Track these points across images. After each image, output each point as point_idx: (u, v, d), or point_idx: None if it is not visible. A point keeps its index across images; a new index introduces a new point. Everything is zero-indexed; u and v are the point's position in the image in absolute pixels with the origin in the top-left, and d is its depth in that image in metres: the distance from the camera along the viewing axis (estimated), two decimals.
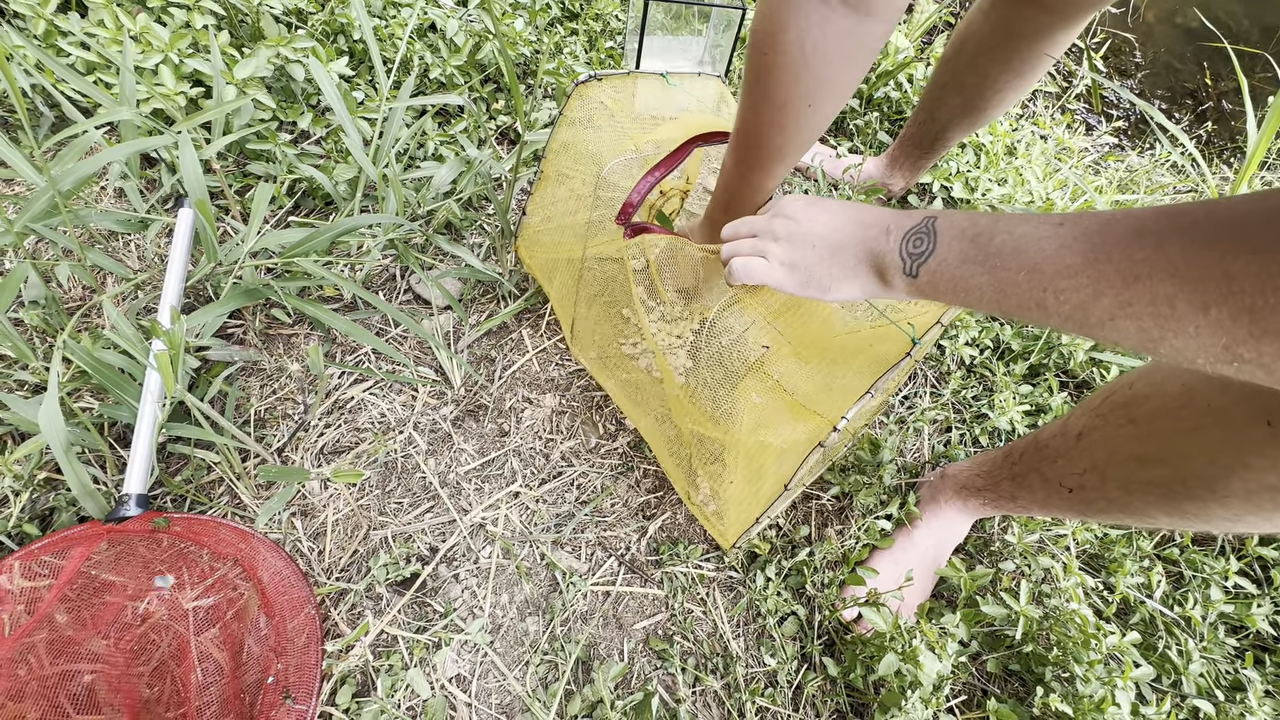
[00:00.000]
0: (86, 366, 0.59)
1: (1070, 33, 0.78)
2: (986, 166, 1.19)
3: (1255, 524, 0.43)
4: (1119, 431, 0.51)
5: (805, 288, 0.50)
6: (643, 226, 0.63)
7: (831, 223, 0.49)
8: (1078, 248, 0.34)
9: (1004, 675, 0.71)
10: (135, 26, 0.81)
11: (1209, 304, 0.28)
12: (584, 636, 0.66)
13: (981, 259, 0.39)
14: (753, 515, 0.58)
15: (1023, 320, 0.39)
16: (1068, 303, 0.34)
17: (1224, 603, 0.76)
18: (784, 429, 0.54)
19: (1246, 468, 0.40)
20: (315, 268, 0.66)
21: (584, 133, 0.68)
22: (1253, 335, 0.27)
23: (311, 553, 0.68)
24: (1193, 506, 0.45)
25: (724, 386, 0.61)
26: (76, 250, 0.66)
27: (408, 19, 0.91)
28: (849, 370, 0.55)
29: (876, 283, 0.47)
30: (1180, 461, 0.45)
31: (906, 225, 0.44)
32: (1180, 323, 0.29)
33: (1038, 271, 0.35)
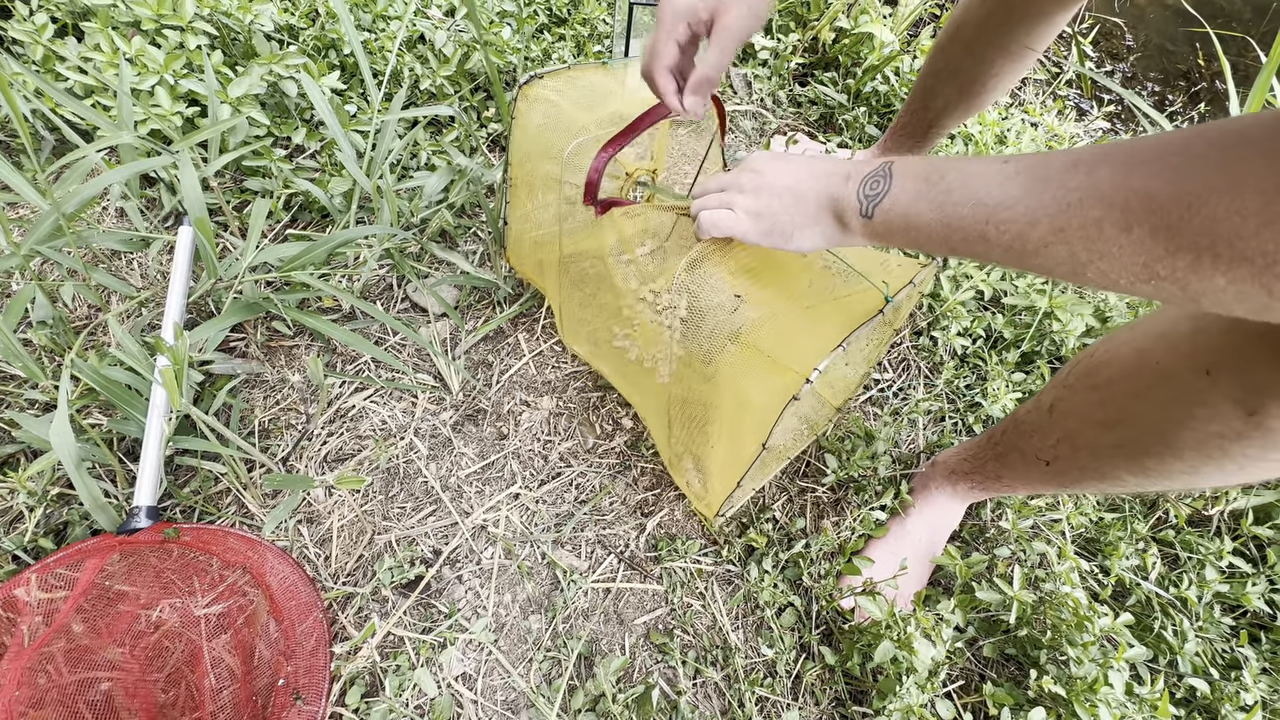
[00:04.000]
0: (94, 384, 0.61)
1: (1065, 14, 0.78)
2: (979, 152, 1.19)
3: (1211, 475, 0.45)
4: (1084, 399, 0.53)
5: (769, 236, 0.51)
6: (611, 201, 0.64)
7: (795, 173, 0.51)
8: (1019, 180, 0.36)
9: (1001, 660, 0.72)
10: (131, 50, 0.83)
11: (1131, 224, 0.30)
12: (585, 632, 0.68)
13: (931, 196, 0.41)
14: (734, 478, 0.59)
15: (967, 257, 0.41)
16: (1007, 233, 0.36)
17: (1219, 582, 0.77)
18: (763, 383, 0.55)
19: (1193, 418, 0.42)
20: (314, 280, 0.68)
21: (538, 131, 0.69)
22: (1168, 251, 0.29)
23: (318, 558, 0.70)
24: (1153, 463, 0.47)
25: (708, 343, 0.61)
26: (81, 270, 0.68)
27: (396, 32, 0.93)
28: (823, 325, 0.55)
29: (836, 227, 0.48)
30: (1137, 421, 0.47)
31: (865, 170, 0.46)
32: (1106, 245, 0.32)
33: (981, 205, 0.37)
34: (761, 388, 0.55)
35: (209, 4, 0.88)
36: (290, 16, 1.00)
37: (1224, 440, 0.42)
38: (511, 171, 0.73)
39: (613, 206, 0.63)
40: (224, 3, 0.89)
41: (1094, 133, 1.59)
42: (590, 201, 0.62)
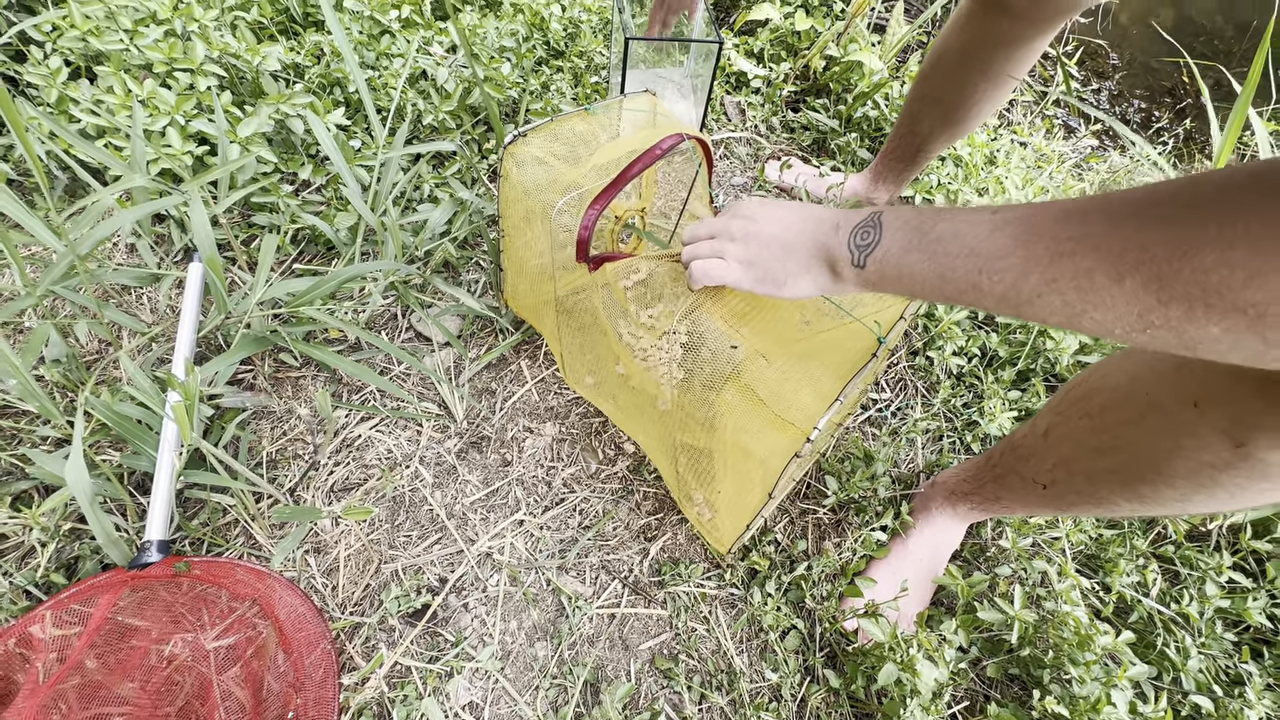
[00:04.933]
0: (107, 420, 0.62)
1: (1044, 39, 0.81)
2: (966, 177, 1.22)
3: (1203, 503, 0.46)
4: (1078, 425, 0.54)
5: (762, 284, 0.52)
6: (603, 257, 0.65)
7: (785, 220, 0.51)
8: (1010, 231, 0.37)
9: (1005, 680, 0.72)
10: (143, 92, 0.85)
11: (1123, 274, 0.31)
12: (591, 659, 0.68)
13: (924, 246, 0.42)
14: (743, 522, 0.60)
15: (962, 304, 0.42)
16: (1000, 283, 0.37)
17: (1220, 598, 0.78)
18: (763, 436, 0.56)
19: (1183, 448, 0.43)
20: (321, 315, 0.70)
21: (529, 187, 0.70)
22: (1160, 301, 0.30)
23: (325, 589, 0.70)
24: (1147, 490, 0.48)
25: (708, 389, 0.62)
26: (94, 308, 0.69)
27: (400, 69, 0.96)
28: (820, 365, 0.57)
29: (829, 276, 0.49)
30: (1130, 449, 0.48)
31: (855, 220, 0.47)
32: (1099, 294, 0.32)
33: (974, 255, 0.38)
34: (763, 442, 0.57)
35: (218, 46, 0.91)
36: (296, 55, 1.04)
37: (1214, 470, 0.43)
38: (503, 224, 0.74)
39: (605, 262, 0.64)
40: (233, 45, 0.92)
41: (1082, 150, 1.62)
42: (583, 259, 0.63)
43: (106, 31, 0.91)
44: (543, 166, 0.72)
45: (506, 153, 0.69)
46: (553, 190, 0.70)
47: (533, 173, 0.71)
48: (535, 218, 0.73)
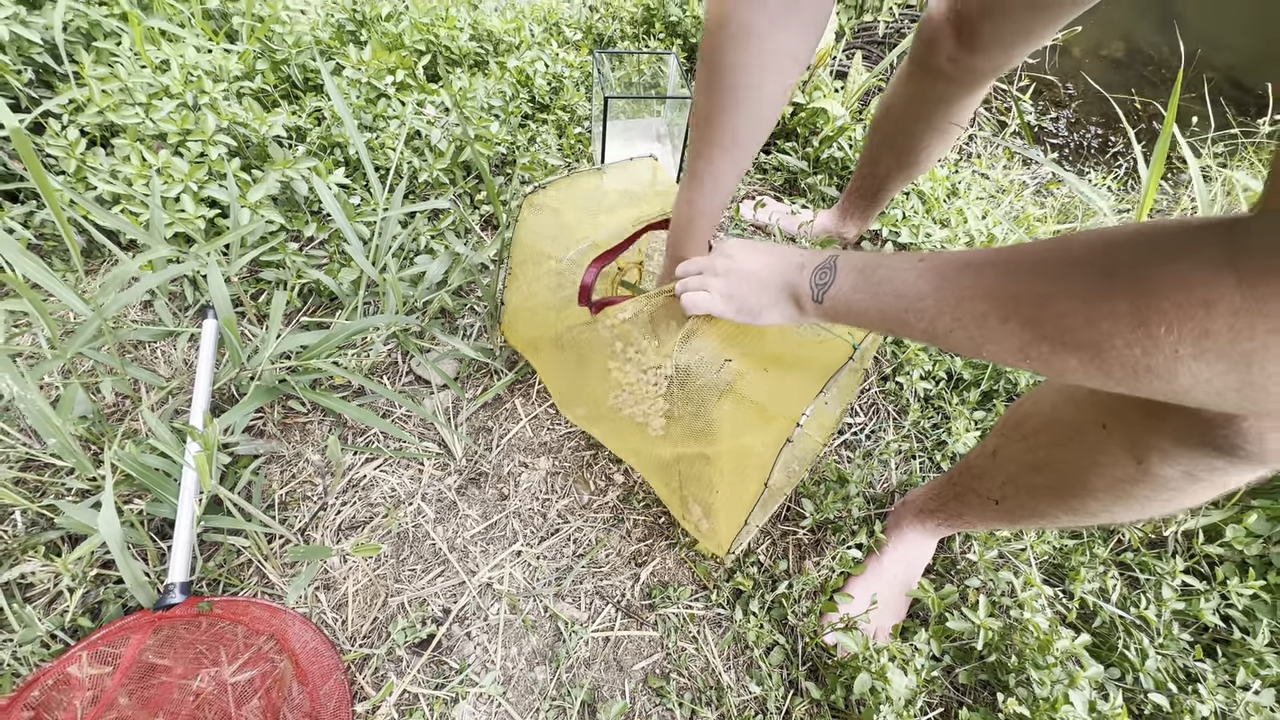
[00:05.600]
0: (133, 471, 0.67)
1: (976, 95, 0.89)
2: (929, 210, 1.30)
3: (1122, 513, 0.52)
4: (1017, 447, 0.60)
5: (740, 314, 0.60)
6: (605, 301, 0.73)
7: (760, 260, 0.59)
8: (928, 278, 0.44)
9: (977, 686, 0.77)
10: (158, 162, 0.92)
11: (1008, 317, 0.38)
12: (588, 681, 0.73)
13: (867, 288, 0.49)
14: (741, 518, 0.65)
15: (896, 335, 0.48)
16: (922, 320, 0.44)
17: (1175, 600, 0.83)
18: (759, 432, 0.62)
19: (1099, 465, 0.49)
20: (329, 366, 0.75)
21: (541, 232, 0.78)
22: (1034, 339, 0.37)
23: (336, 623, 0.75)
24: (1077, 503, 0.54)
25: (700, 406, 0.69)
26: (118, 366, 0.75)
27: (398, 132, 1.03)
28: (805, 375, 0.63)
29: (795, 309, 0.57)
30: (1060, 466, 0.54)
31: (816, 261, 0.54)
32: (991, 332, 0.39)
33: (903, 296, 0.45)
34: (757, 436, 0.63)
35: (227, 116, 0.99)
36: (297, 119, 1.11)
37: (1125, 484, 0.49)
38: (512, 263, 0.82)
39: (606, 306, 0.72)
40: (241, 115, 1.00)
41: (1044, 176, 1.72)
42: (585, 303, 0.71)
43: (123, 106, 0.98)
44: (555, 215, 0.80)
45: (526, 201, 0.77)
46: (562, 238, 0.78)
47: (547, 220, 0.80)
48: (543, 259, 0.80)
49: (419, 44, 1.27)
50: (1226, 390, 0.29)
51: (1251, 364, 0.27)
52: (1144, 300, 0.30)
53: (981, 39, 0.75)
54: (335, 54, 1.23)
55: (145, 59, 1.04)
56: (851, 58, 1.39)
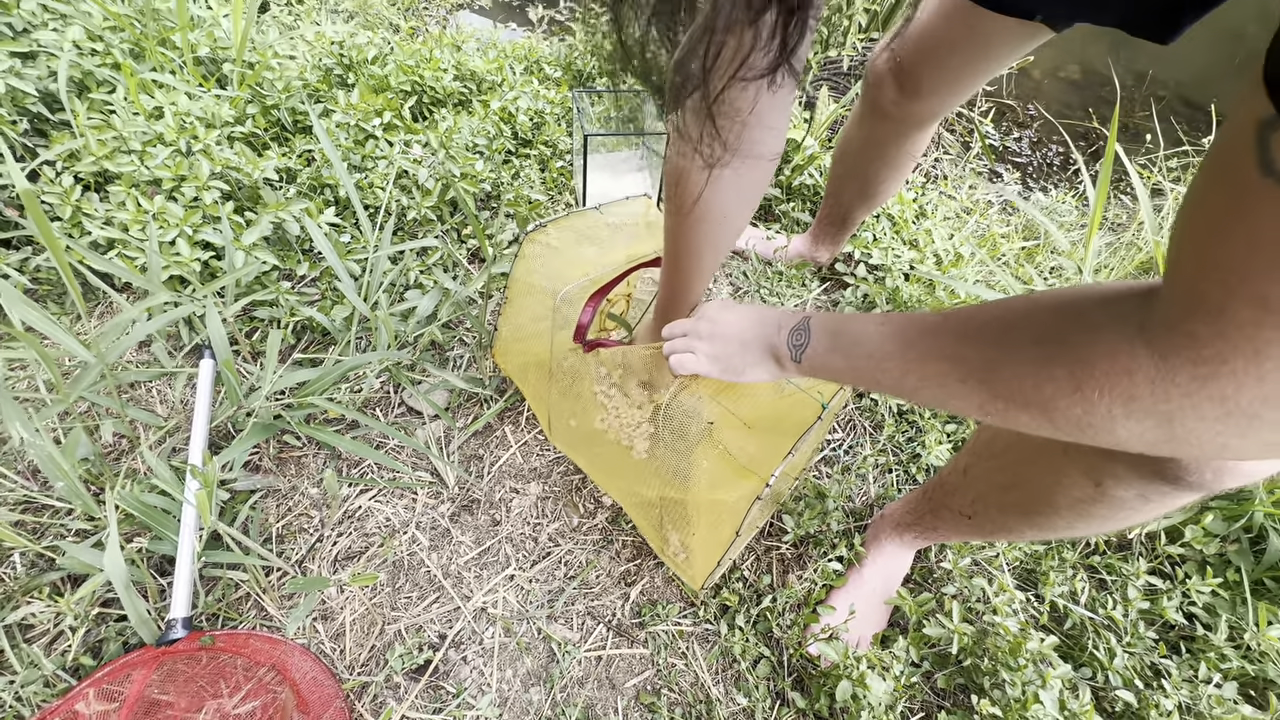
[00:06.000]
0: (134, 510, 0.69)
1: (926, 133, 0.95)
2: (898, 231, 1.36)
3: (1084, 528, 0.56)
4: (987, 465, 0.64)
5: (725, 373, 0.64)
6: (596, 342, 0.77)
7: (740, 323, 0.63)
8: (893, 341, 0.48)
9: (955, 690, 0.80)
10: (154, 207, 0.95)
11: (965, 377, 0.42)
12: (581, 699, 0.75)
13: (839, 349, 0.53)
14: (714, 559, 0.69)
15: (871, 391, 0.52)
16: (890, 378, 0.48)
17: (1140, 600, 0.87)
18: (732, 487, 0.66)
19: (1062, 485, 0.53)
20: (324, 402, 0.78)
21: (538, 268, 0.83)
22: (990, 397, 0.40)
23: (334, 652, 0.77)
24: (1043, 520, 0.58)
25: (682, 456, 0.74)
26: (118, 408, 0.77)
27: (387, 172, 1.07)
28: (779, 433, 0.68)
29: (776, 367, 0.61)
30: (1027, 485, 0.58)
31: (791, 324, 0.58)
32: (953, 390, 0.43)
33: (871, 357, 0.49)
34: (732, 490, 0.68)
35: (220, 161, 1.02)
36: (288, 160, 1.15)
37: (1085, 504, 0.53)
38: (509, 293, 0.86)
39: (598, 346, 0.76)
40: (234, 159, 1.03)
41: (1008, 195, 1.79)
42: (580, 340, 0.75)
43: (118, 153, 1.02)
44: (554, 252, 0.85)
45: (527, 238, 0.83)
46: (559, 273, 0.84)
47: (545, 255, 0.85)
48: (539, 292, 0.85)
49: (404, 85, 1.32)
50: (1158, 442, 0.33)
51: (1173, 422, 0.31)
52: (1078, 368, 0.34)
53: (920, 88, 0.81)
54: (324, 97, 1.28)
55: (139, 107, 1.08)
56: (819, 90, 1.46)
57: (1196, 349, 0.27)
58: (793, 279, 1.25)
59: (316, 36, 1.34)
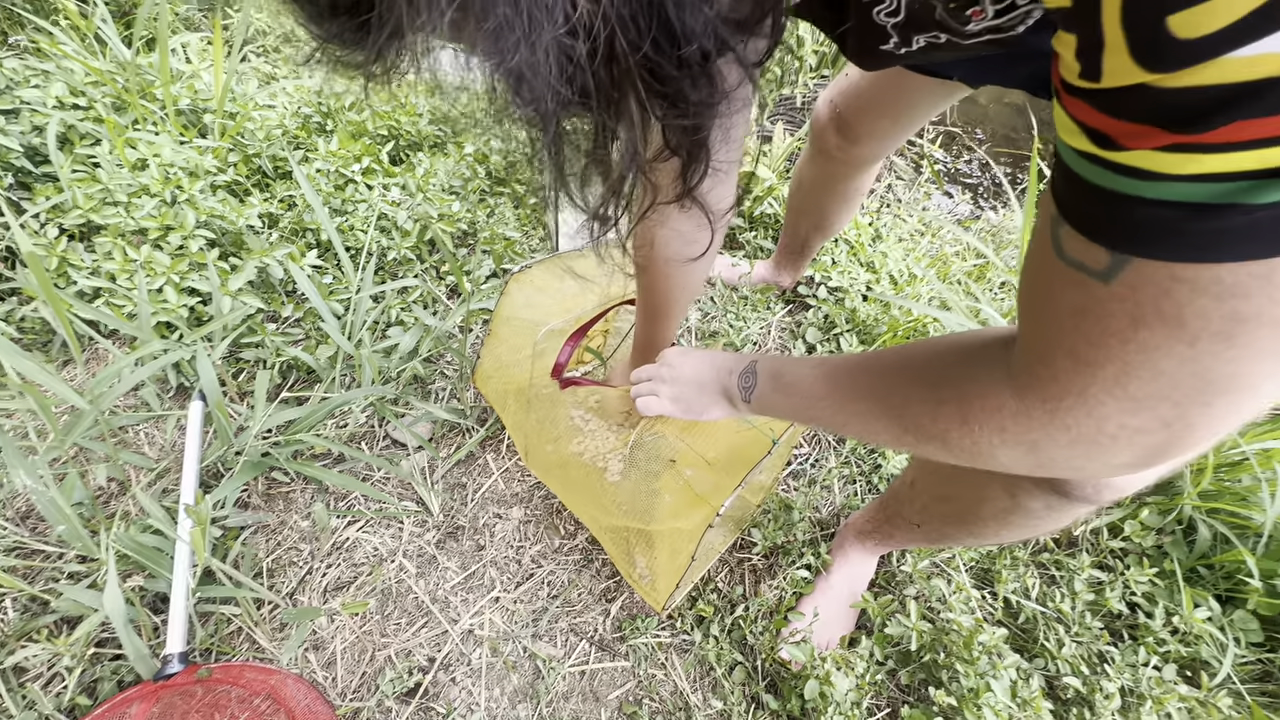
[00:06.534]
0: (130, 550, 0.72)
1: (871, 172, 1.04)
2: (855, 254, 1.45)
3: (1009, 535, 0.62)
4: (929, 479, 0.71)
5: (687, 413, 0.70)
6: (572, 380, 0.82)
7: (697, 368, 0.70)
8: (824, 383, 0.54)
9: (918, 685, 0.86)
10: (141, 257, 0.99)
11: (881, 415, 0.47)
12: (567, 713, 0.79)
13: (781, 389, 0.59)
14: (674, 582, 0.74)
15: (812, 426, 0.58)
16: (823, 415, 0.54)
17: (1086, 592, 0.94)
18: (689, 515, 0.72)
19: (986, 498, 0.59)
20: (313, 439, 0.82)
21: (521, 303, 0.89)
22: (903, 432, 0.46)
23: (326, 680, 0.79)
24: (976, 528, 0.64)
25: (648, 489, 0.80)
26: (110, 454, 0.80)
27: (368, 216, 1.13)
28: (736, 465, 0.75)
29: (730, 406, 0.67)
30: (960, 498, 0.65)
31: (740, 368, 0.64)
32: (873, 425, 0.49)
33: (808, 397, 0.55)
34: (689, 519, 0.73)
35: (205, 211, 1.07)
36: (269, 206, 1.20)
37: (1005, 513, 0.59)
38: (493, 325, 0.92)
39: (574, 385, 0.83)
40: (218, 209, 1.08)
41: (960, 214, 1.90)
42: (556, 377, 0.81)
43: (104, 206, 1.05)
44: (537, 291, 0.91)
45: (513, 278, 0.89)
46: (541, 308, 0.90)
47: (528, 293, 0.91)
48: (521, 326, 0.91)
49: (381, 130, 1.38)
50: (1031, 466, 0.38)
51: (1037, 449, 0.36)
52: (963, 405, 0.40)
53: (859, 136, 0.89)
54: (303, 144, 1.33)
55: (124, 160, 1.12)
56: (775, 124, 1.56)
57: (1042, 389, 0.33)
58: (758, 303, 1.33)
59: (296, 88, 1.40)
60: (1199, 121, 0.21)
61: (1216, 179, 0.22)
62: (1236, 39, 0.19)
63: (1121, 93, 0.23)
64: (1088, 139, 0.25)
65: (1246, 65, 0.20)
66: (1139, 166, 0.24)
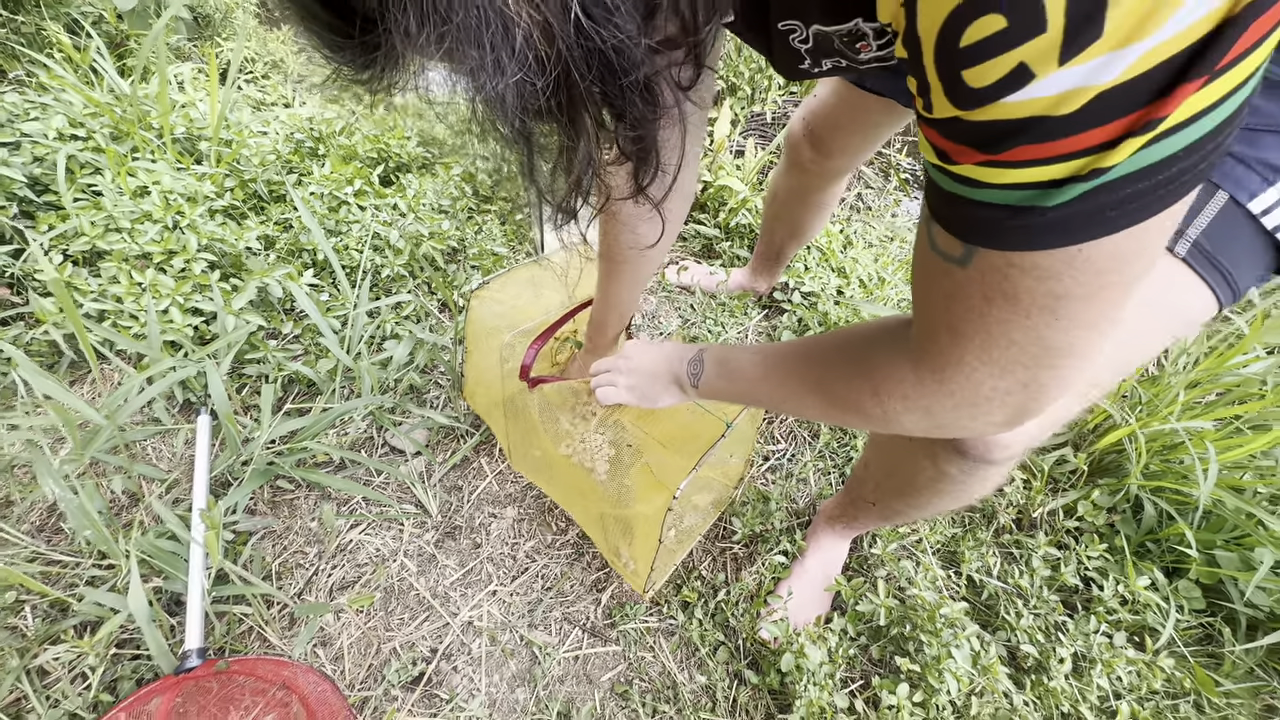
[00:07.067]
0: (149, 554, 0.77)
1: (842, 182, 1.12)
2: (827, 259, 1.53)
3: (941, 504, 0.69)
4: (875, 458, 0.78)
5: (642, 401, 0.77)
6: (539, 379, 0.89)
7: (651, 359, 0.76)
8: (762, 367, 0.61)
9: (888, 658, 0.92)
10: (146, 280, 1.04)
11: (809, 391, 0.54)
12: (562, 695, 0.85)
13: (725, 375, 0.66)
14: (648, 565, 0.80)
15: (753, 406, 0.65)
16: (762, 395, 0.61)
17: (1044, 568, 1.01)
18: (653, 500, 0.78)
19: (919, 469, 0.66)
20: (318, 446, 0.88)
21: (490, 318, 0.95)
22: (830, 406, 0.53)
23: (335, 673, 0.84)
24: (915, 499, 0.71)
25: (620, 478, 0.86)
26: (125, 466, 0.85)
27: (362, 237, 1.19)
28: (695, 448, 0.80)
29: (680, 392, 0.73)
30: (898, 472, 0.72)
31: (689, 356, 0.71)
32: (804, 401, 0.56)
33: (749, 380, 0.62)
34: (653, 503, 0.80)
35: (206, 235, 1.12)
36: (265, 228, 1.25)
37: (934, 482, 0.66)
38: (468, 344, 0.98)
39: (540, 383, 0.89)
40: (218, 232, 1.13)
41: None
42: (524, 379, 0.87)
43: (109, 232, 1.11)
44: (499, 304, 0.96)
45: (474, 295, 0.94)
46: (509, 318, 0.96)
47: (492, 307, 0.97)
48: (493, 336, 0.97)
49: (371, 153, 1.44)
50: (931, 428, 0.45)
51: (932, 412, 0.43)
52: (873, 379, 0.47)
53: (830, 150, 0.97)
54: (296, 168, 1.39)
55: (126, 189, 1.17)
56: (747, 139, 1.64)
57: (930, 360, 0.40)
58: (735, 309, 1.40)
59: (290, 116, 1.46)
60: (995, 145, 0.29)
61: (1017, 187, 0.29)
62: (1006, 89, 0.27)
63: (945, 122, 0.30)
64: (935, 155, 0.33)
65: (1016, 107, 0.27)
66: (968, 176, 0.31)
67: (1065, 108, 0.26)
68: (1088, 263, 0.31)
